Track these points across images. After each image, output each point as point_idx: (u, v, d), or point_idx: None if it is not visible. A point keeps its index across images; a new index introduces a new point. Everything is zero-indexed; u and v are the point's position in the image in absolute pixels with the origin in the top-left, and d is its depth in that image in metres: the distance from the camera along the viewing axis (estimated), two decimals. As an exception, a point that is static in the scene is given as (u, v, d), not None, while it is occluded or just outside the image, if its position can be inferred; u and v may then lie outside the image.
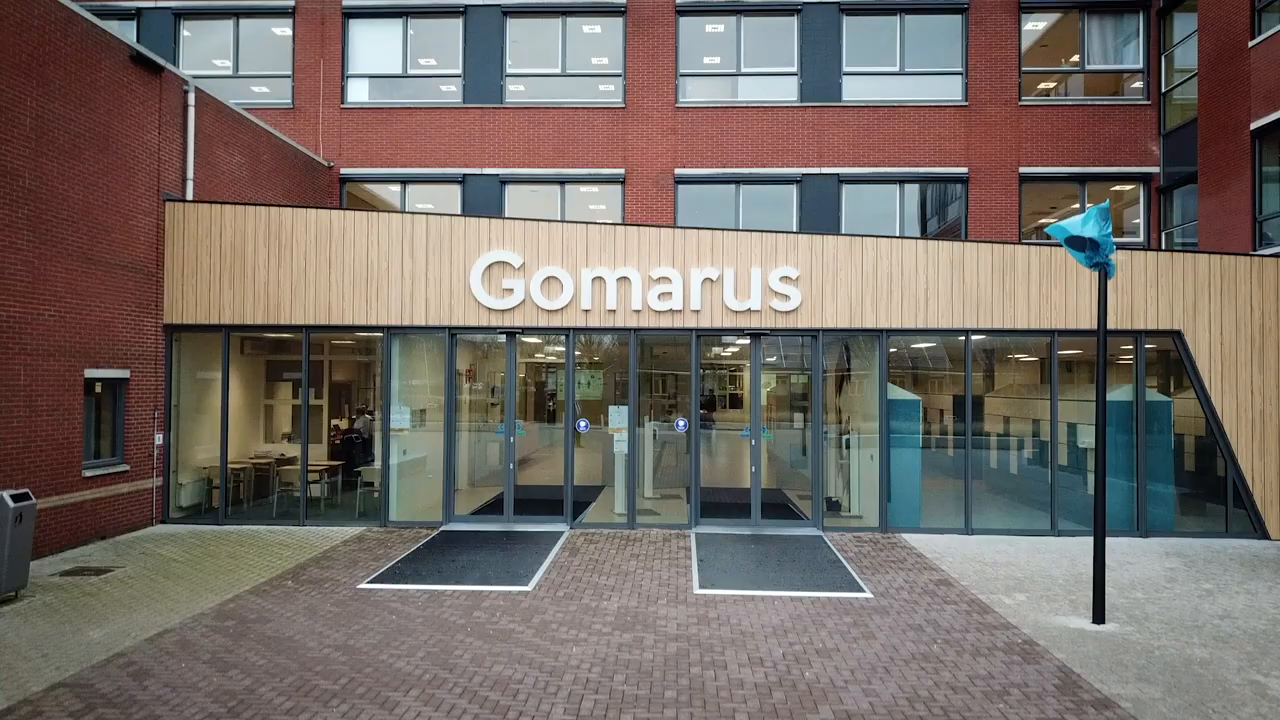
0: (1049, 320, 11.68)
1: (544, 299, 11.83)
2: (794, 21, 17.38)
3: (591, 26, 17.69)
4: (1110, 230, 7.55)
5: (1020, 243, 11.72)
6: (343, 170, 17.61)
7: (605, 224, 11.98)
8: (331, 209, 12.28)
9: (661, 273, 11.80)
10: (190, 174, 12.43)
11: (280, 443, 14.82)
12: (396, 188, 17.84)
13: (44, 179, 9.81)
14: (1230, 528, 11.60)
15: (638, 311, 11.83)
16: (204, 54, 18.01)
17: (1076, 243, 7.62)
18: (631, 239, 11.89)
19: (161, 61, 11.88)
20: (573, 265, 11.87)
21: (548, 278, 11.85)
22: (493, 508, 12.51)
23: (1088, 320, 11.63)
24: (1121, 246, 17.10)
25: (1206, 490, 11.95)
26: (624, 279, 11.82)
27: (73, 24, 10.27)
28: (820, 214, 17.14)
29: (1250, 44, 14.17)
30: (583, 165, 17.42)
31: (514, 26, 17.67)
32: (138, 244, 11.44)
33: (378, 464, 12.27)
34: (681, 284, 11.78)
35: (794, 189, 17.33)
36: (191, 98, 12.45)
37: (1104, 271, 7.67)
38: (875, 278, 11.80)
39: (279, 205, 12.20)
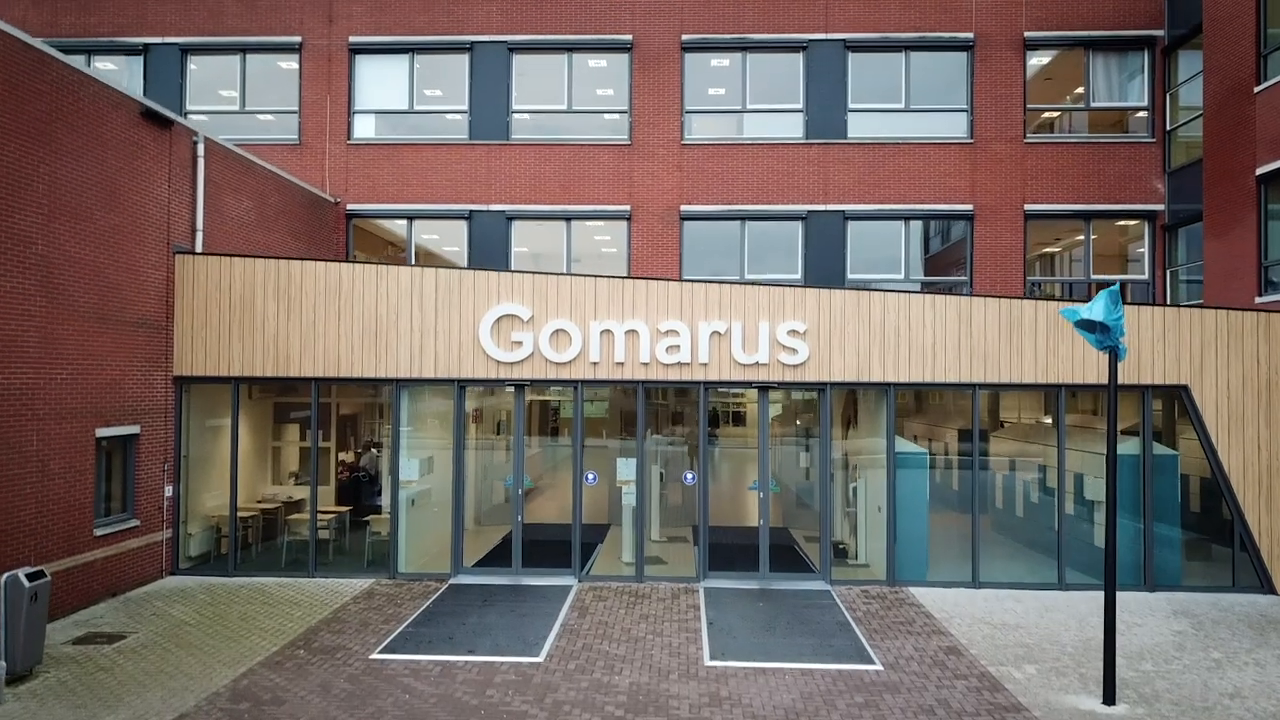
0: (1055, 375, 11.72)
1: (553, 351, 11.87)
2: (799, 59, 17.42)
3: (598, 63, 17.74)
4: (1121, 314, 7.59)
5: (1026, 297, 11.77)
6: (349, 206, 17.66)
7: (613, 277, 12.03)
8: (341, 262, 12.33)
9: (669, 326, 11.84)
10: (199, 224, 12.48)
11: (287, 483, 14.86)
12: (403, 223, 17.89)
13: (56, 242, 9.86)
14: (1237, 581, 11.63)
15: (646, 364, 11.87)
16: (211, 90, 18.06)
17: (1087, 325, 7.66)
18: (640, 292, 11.93)
19: (171, 115, 11.93)
20: (581, 318, 11.91)
21: (556, 330, 11.89)
22: (500, 553, 12.52)
23: (1094, 374, 11.66)
24: (1126, 283, 17.21)
25: (1213, 543, 11.98)
26: (632, 332, 11.86)
27: (85, 86, 10.31)
28: (825, 250, 17.18)
29: (1256, 89, 14.19)
30: (589, 202, 17.46)
31: (520, 63, 17.71)
32: (148, 299, 11.48)
33: (385, 501, 12.25)
34: (689, 337, 11.82)
35: (799, 225, 17.37)
36: (201, 148, 12.49)
37: (1114, 353, 7.70)
38: (883, 331, 11.84)
39: (288, 258, 12.25)
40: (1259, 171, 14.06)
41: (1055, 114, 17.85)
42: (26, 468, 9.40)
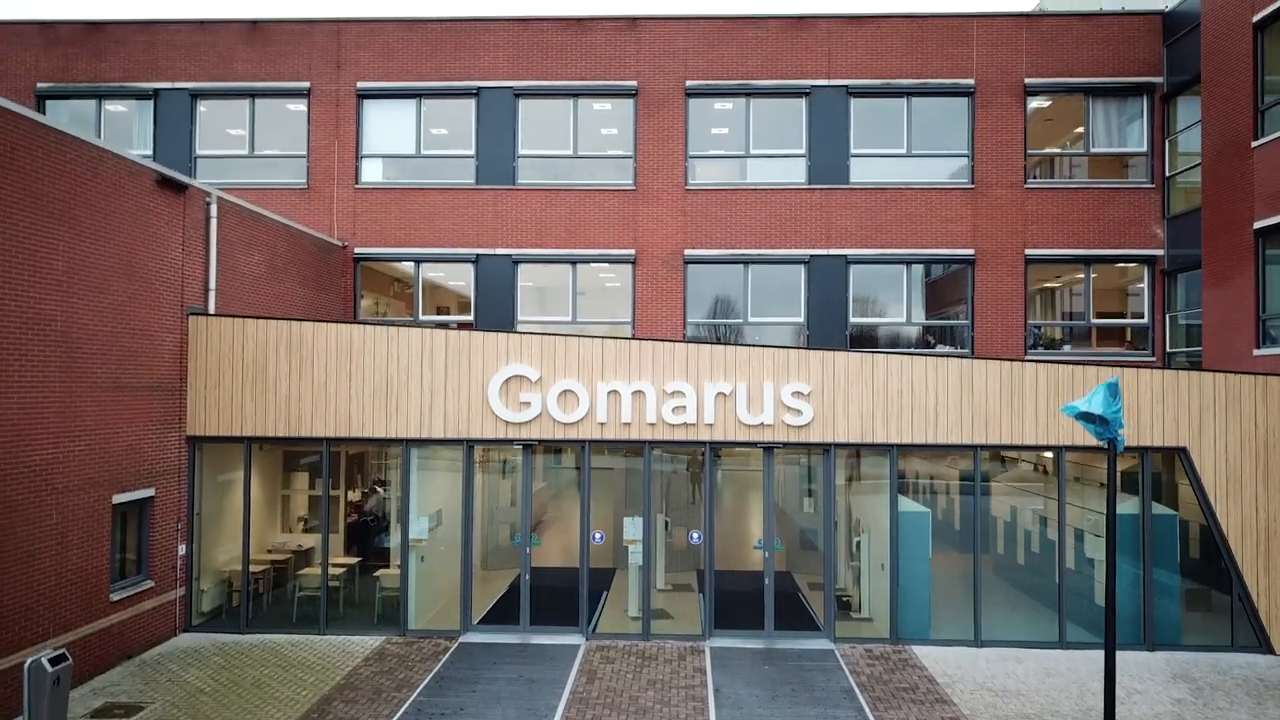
0: (1056, 437, 11.89)
1: (560, 412, 12.05)
2: (802, 104, 17.62)
3: (603, 109, 17.94)
4: (1119, 407, 7.77)
5: (1027, 360, 11.96)
6: (357, 250, 17.86)
7: (620, 339, 12.23)
8: (352, 323, 12.52)
9: (675, 387, 12.02)
10: (213, 284, 12.67)
11: (296, 528, 15.04)
12: (410, 266, 18.09)
13: (74, 317, 10.05)
14: (1236, 640, 11.79)
15: (652, 425, 12.05)
16: (220, 134, 18.28)
17: (1087, 418, 7.84)
18: (646, 354, 12.12)
19: (186, 179, 12.14)
20: (589, 379, 12.10)
21: (564, 391, 12.07)
22: (508, 604, 12.65)
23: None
24: (1126, 329, 17.40)
25: (1212, 602, 12.14)
26: (639, 393, 12.05)
27: (102, 161, 10.52)
28: (828, 293, 17.36)
29: (1254, 144, 14.38)
30: (594, 246, 17.65)
31: (526, 108, 17.92)
32: (163, 362, 11.68)
33: (393, 538, 12.38)
34: (695, 398, 12.00)
35: (801, 269, 17.55)
36: (214, 209, 12.70)
37: (1113, 444, 7.88)
38: (886, 393, 12.01)
39: (300, 319, 12.46)
40: (1257, 225, 14.25)
41: (1056, 158, 18.05)
42: (46, 542, 9.59)
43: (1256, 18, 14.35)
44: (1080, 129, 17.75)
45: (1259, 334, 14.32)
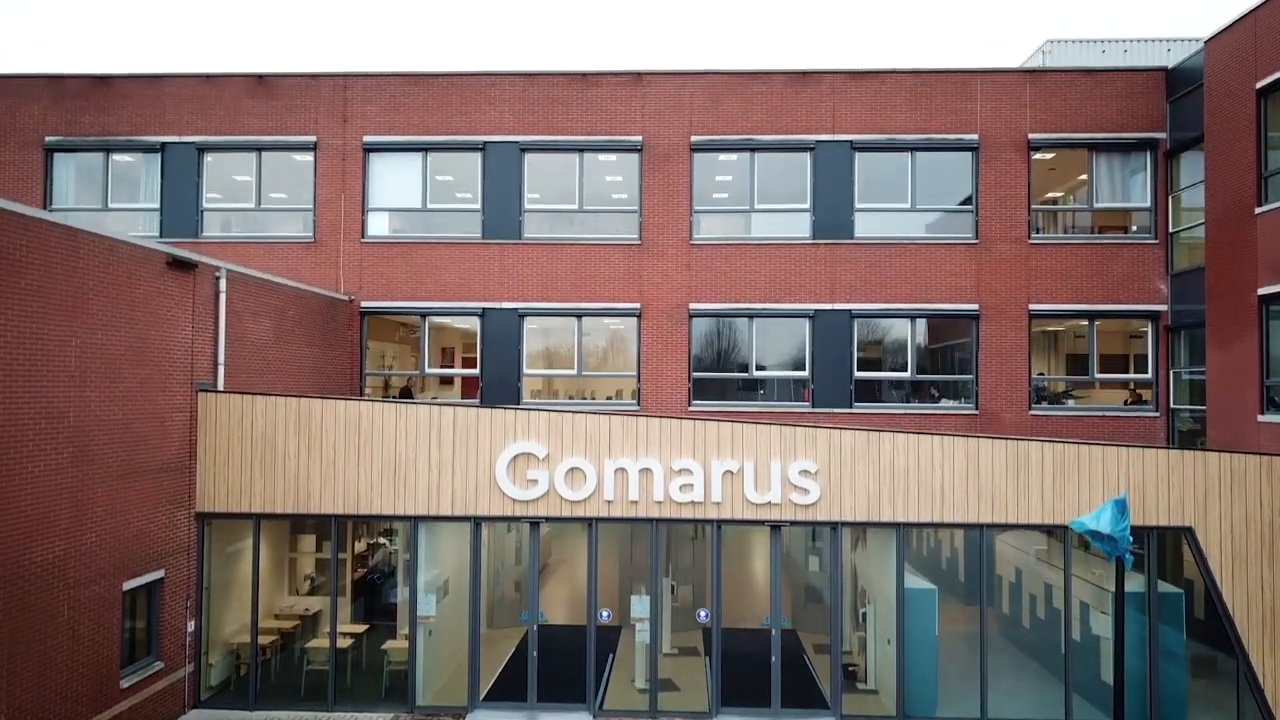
0: (1062, 515, 11.92)
1: (568, 490, 12.11)
2: (807, 159, 17.69)
3: (609, 162, 18.02)
4: (1127, 525, 7.83)
5: (1032, 439, 12.02)
6: (363, 304, 17.92)
7: (627, 415, 12.27)
8: (359, 400, 12.57)
9: (683, 464, 12.08)
10: (222, 359, 12.73)
11: (304, 593, 15.06)
12: (416, 320, 18.16)
13: (86, 408, 10.10)
14: (1242, 719, 11.82)
15: (659, 502, 12.11)
16: (227, 187, 18.36)
17: (1096, 535, 7.89)
18: (653, 431, 12.17)
19: (196, 258, 12.21)
20: (596, 456, 12.15)
21: (571, 469, 12.13)
22: (515, 673, 12.67)
23: (1101, 515, 11.87)
24: (1130, 384, 17.44)
25: (1218, 682, 12.17)
26: (646, 470, 12.10)
27: (114, 251, 10.58)
28: (832, 347, 17.41)
29: (1257, 210, 14.43)
30: (600, 299, 17.71)
31: (532, 162, 17.99)
32: (172, 442, 11.73)
33: (400, 594, 12.43)
34: (702, 476, 12.06)
35: (806, 323, 17.61)
36: (223, 284, 12.76)
37: (1120, 562, 7.92)
38: (892, 471, 12.06)
39: (309, 396, 12.51)
40: (1261, 291, 14.29)
41: (1059, 212, 18.12)
42: (58, 639, 9.63)
43: (1260, 84, 14.41)
44: (1083, 180, 17.82)
45: (1263, 399, 14.36)
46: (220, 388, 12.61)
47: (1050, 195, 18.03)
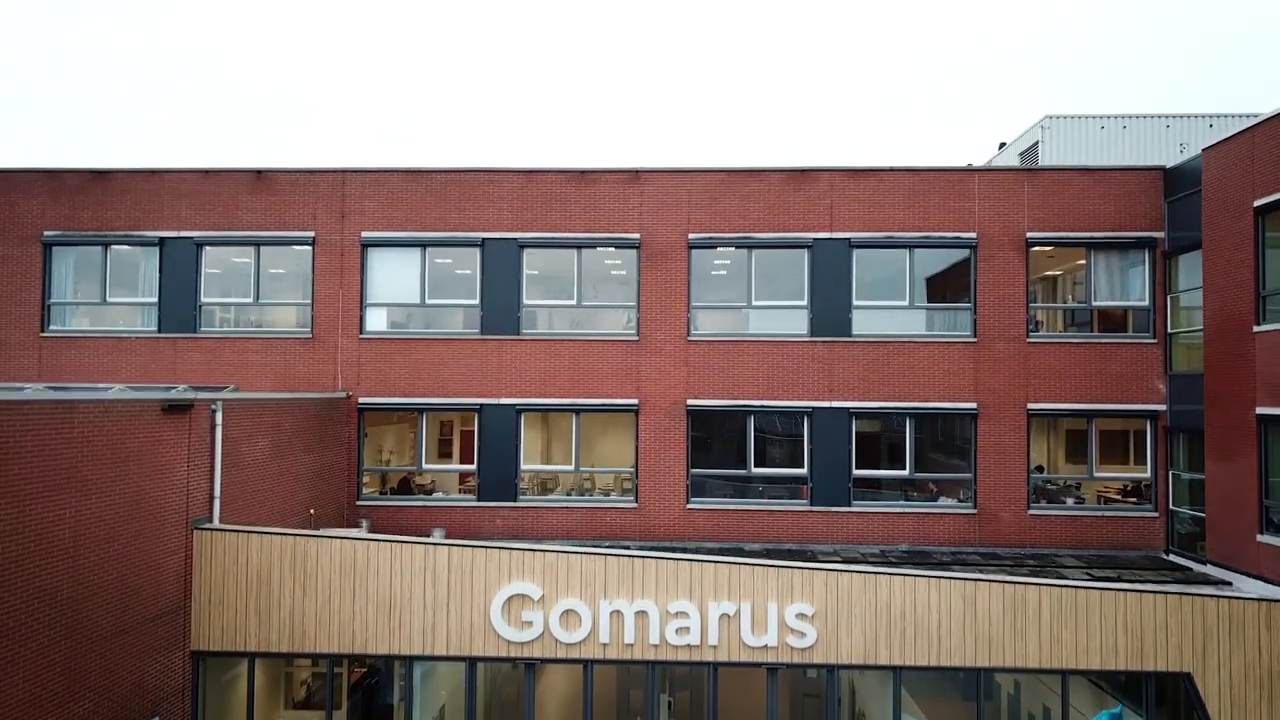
0: (1060, 660, 11.88)
1: (563, 632, 12.07)
2: (805, 256, 17.68)
3: (606, 260, 18.02)
4: (1123, 743, 7.77)
5: (1031, 582, 11.98)
6: (360, 400, 17.92)
7: (624, 556, 12.24)
8: (355, 539, 12.57)
9: (679, 607, 12.04)
10: (218, 492, 12.70)
11: (300, 700, 15.01)
12: (413, 415, 18.15)
13: (80, 578, 10.07)
14: None
15: (655, 645, 12.07)
16: (225, 282, 18.39)
17: (1090, 751, 7.84)
18: (649, 571, 12.14)
19: (191, 398, 12.20)
20: (591, 598, 12.12)
21: (567, 611, 12.09)
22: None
23: (1098, 661, 11.83)
24: (1127, 484, 17.40)
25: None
26: (642, 613, 12.06)
27: (109, 412, 10.57)
28: (829, 444, 17.38)
29: (1255, 329, 14.41)
30: (597, 395, 17.70)
31: (531, 258, 18.00)
32: (168, 588, 11.70)
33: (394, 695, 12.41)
34: (699, 618, 12.02)
35: (804, 420, 17.58)
36: (219, 416, 12.74)
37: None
38: (889, 613, 12.02)
39: (305, 534, 12.48)
40: (1259, 411, 14.26)
41: (1057, 311, 18.11)
42: (51, 817, 9.60)
43: (1258, 203, 14.41)
44: (1081, 271, 17.81)
45: (1262, 520, 14.32)
46: (216, 522, 12.59)
47: (1050, 304, 18.01)
